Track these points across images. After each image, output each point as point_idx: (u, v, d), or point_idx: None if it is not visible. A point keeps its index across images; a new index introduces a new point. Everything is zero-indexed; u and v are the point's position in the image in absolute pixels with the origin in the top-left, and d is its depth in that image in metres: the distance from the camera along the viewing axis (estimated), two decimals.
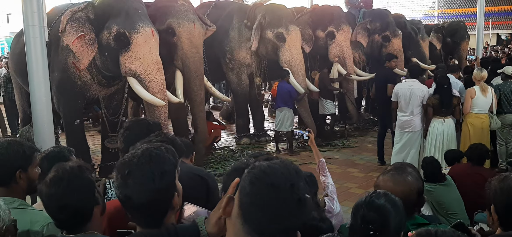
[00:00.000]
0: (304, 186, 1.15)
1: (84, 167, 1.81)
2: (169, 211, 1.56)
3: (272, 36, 7.80)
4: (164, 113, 6.03)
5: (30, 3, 4.83)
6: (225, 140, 9.04)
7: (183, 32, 6.51)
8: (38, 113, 5.02)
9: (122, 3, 5.86)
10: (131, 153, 1.55)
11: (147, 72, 5.76)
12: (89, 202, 1.75)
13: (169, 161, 1.56)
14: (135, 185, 1.48)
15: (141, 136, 2.11)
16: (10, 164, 2.09)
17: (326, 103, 8.75)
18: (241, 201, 1.16)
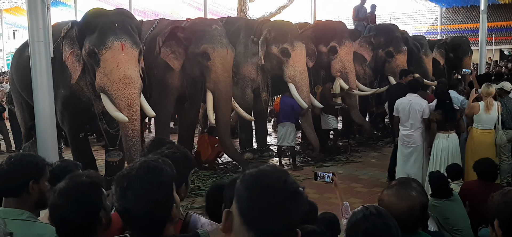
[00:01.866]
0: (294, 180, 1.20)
1: (97, 184, 1.82)
2: (167, 222, 1.58)
3: (277, 51, 7.86)
4: (132, 129, 5.79)
5: (36, 19, 4.90)
6: None
7: (217, 57, 6.80)
8: (42, 128, 5.07)
9: (99, 18, 5.83)
10: (129, 166, 1.58)
11: (113, 87, 5.62)
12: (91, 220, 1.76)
13: (167, 173, 1.57)
14: (134, 197, 1.50)
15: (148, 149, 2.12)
16: (23, 174, 2.10)
17: (328, 118, 8.75)
18: (240, 209, 1.19)
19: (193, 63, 7.01)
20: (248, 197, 1.17)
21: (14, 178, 2.10)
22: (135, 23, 6.13)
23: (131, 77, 5.64)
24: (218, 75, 6.91)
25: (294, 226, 1.19)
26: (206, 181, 7.01)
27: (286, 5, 16.13)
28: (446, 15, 25.52)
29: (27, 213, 2.09)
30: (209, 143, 8.09)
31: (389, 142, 9.27)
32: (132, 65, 5.68)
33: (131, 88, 5.63)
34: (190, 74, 7.23)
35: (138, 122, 5.85)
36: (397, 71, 9.35)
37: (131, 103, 5.65)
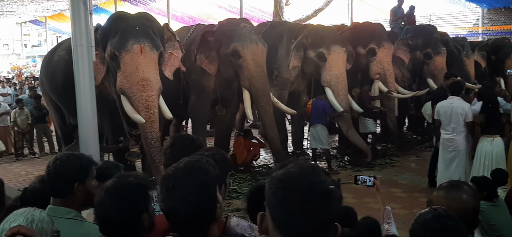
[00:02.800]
0: (326, 178, 1.17)
1: (143, 186, 1.84)
2: (212, 223, 1.57)
3: (314, 56, 7.84)
4: (151, 131, 5.85)
5: (79, 25, 5.05)
6: (264, 158, 9.01)
7: (247, 53, 6.82)
8: (84, 130, 5.21)
9: (121, 22, 5.97)
10: (174, 166, 1.57)
11: (132, 89, 5.72)
12: (133, 220, 1.78)
13: (211, 173, 1.57)
14: (179, 197, 1.49)
15: (186, 151, 2.13)
16: (68, 176, 2.15)
17: (366, 122, 8.61)
18: (271, 213, 1.18)
19: (226, 64, 7.05)
20: (276, 201, 1.16)
21: (60, 180, 2.15)
22: (157, 26, 6.21)
23: (150, 80, 5.73)
24: (251, 72, 6.91)
25: (329, 225, 1.17)
26: (242, 184, 7.03)
27: (322, 8, 15.99)
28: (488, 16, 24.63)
29: (74, 212, 2.14)
30: (245, 146, 8.11)
31: (429, 146, 9.02)
32: (151, 67, 5.77)
33: (149, 90, 5.72)
34: (226, 76, 7.28)
35: (156, 124, 5.91)
36: (436, 73, 9.14)
37: (149, 105, 5.74)
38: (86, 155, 2.32)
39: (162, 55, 6.03)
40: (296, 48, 7.84)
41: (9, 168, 8.92)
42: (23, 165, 9.46)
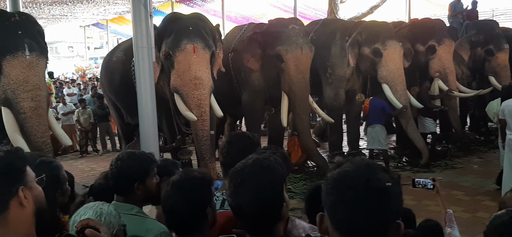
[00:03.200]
0: (383, 176, 1.13)
1: (207, 181, 1.90)
2: (278, 221, 1.58)
3: (369, 52, 7.68)
4: (202, 129, 5.99)
5: (140, 26, 5.23)
6: None
7: (290, 59, 6.82)
8: (145, 128, 5.39)
9: (175, 23, 6.14)
10: (242, 162, 1.60)
11: (185, 88, 5.87)
12: (199, 214, 1.83)
13: (278, 172, 1.58)
14: (246, 194, 1.52)
15: (243, 149, 2.15)
16: (128, 177, 2.24)
17: (426, 121, 8.32)
18: (329, 214, 1.17)
19: (270, 65, 7.08)
20: (332, 202, 1.15)
21: (121, 180, 2.26)
22: (209, 26, 6.34)
23: (202, 78, 5.87)
24: (292, 77, 6.89)
25: (389, 224, 1.14)
26: (296, 183, 7.00)
27: (378, 4, 15.63)
28: None
29: (136, 208, 2.23)
30: (299, 146, 8.07)
31: (494, 147, 8.59)
32: (203, 66, 5.90)
33: (201, 88, 5.86)
34: (270, 76, 7.28)
35: (208, 122, 6.03)
36: (498, 71, 8.71)
37: (201, 103, 5.88)
38: (147, 154, 2.39)
39: (214, 54, 6.15)
40: (351, 45, 7.71)
41: (74, 165, 9.39)
42: (87, 161, 9.94)
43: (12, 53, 4.63)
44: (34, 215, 1.49)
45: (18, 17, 4.96)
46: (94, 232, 1.50)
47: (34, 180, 1.53)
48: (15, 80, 4.65)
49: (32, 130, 4.70)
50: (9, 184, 1.43)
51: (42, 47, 4.94)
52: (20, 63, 4.65)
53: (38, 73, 4.80)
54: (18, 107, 4.67)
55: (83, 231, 1.54)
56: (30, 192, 1.47)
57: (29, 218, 1.47)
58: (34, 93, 4.72)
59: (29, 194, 1.46)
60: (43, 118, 4.80)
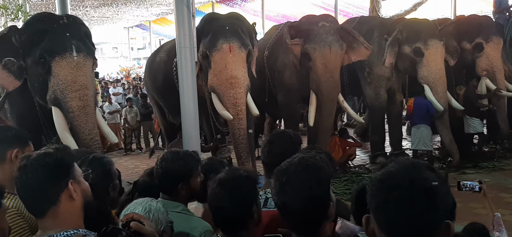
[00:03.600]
0: (428, 175, 1.11)
1: (252, 179, 1.91)
2: (324, 220, 1.57)
3: (410, 51, 7.49)
4: (238, 128, 6.00)
5: (183, 27, 5.34)
6: (360, 158, 8.83)
7: (318, 57, 6.71)
8: (187, 127, 5.50)
9: (212, 23, 6.18)
10: (288, 161, 1.60)
11: (221, 87, 5.89)
12: (245, 212, 1.85)
13: (325, 170, 1.58)
14: (293, 192, 1.52)
15: (284, 148, 2.16)
16: (173, 177, 2.29)
17: (472, 121, 8.06)
18: (374, 217, 1.15)
19: (301, 63, 7.00)
20: (377, 203, 1.13)
21: (166, 180, 2.31)
22: (246, 25, 6.36)
23: (238, 78, 5.88)
24: (319, 76, 6.78)
25: (437, 224, 1.11)
26: (338, 184, 6.93)
27: (422, 1, 15.20)
28: None
29: (182, 206, 2.29)
30: (341, 146, 8.00)
31: None
32: (239, 66, 5.91)
33: (237, 88, 5.88)
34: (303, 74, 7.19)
35: (244, 121, 6.04)
36: None
37: (237, 102, 5.89)
38: (191, 154, 2.42)
39: (251, 53, 6.17)
40: (391, 44, 7.54)
41: (119, 162, 9.67)
42: (131, 159, 10.22)
43: (60, 54, 4.80)
44: (83, 208, 1.56)
45: (66, 20, 5.15)
46: (138, 225, 1.55)
47: (81, 176, 1.60)
48: (64, 81, 4.82)
49: (80, 128, 4.86)
50: (60, 178, 1.51)
51: (89, 48, 5.09)
52: (68, 64, 4.81)
53: (86, 73, 4.93)
54: (67, 107, 4.84)
55: (128, 224, 1.60)
56: (78, 186, 1.55)
57: (78, 210, 1.55)
58: (81, 93, 4.87)
59: (78, 187, 1.54)
60: (90, 116, 4.94)
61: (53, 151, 1.53)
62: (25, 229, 2.05)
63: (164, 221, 1.87)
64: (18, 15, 10.53)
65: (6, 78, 5.12)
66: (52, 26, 4.98)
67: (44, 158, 1.50)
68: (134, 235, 1.55)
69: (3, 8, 11.25)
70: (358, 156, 8.70)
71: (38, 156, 1.52)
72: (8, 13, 11.56)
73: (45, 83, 4.92)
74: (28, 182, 1.50)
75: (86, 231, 1.53)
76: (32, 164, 1.49)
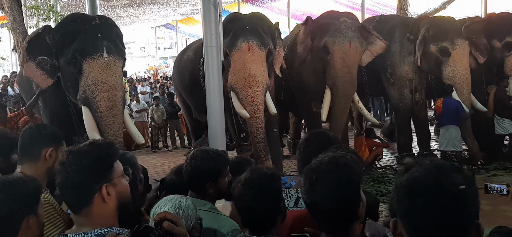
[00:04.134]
0: (455, 178, 1.08)
1: (277, 176, 1.93)
2: (354, 221, 1.56)
3: (436, 50, 7.32)
4: (256, 127, 6.01)
5: (209, 26, 5.39)
6: (387, 158, 8.72)
7: (337, 51, 6.60)
8: (213, 125, 5.55)
9: (233, 23, 6.20)
10: (318, 160, 1.59)
11: (239, 86, 5.91)
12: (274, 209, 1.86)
13: (355, 170, 1.56)
14: (322, 191, 1.50)
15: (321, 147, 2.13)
16: (202, 176, 2.32)
17: (503, 122, 7.86)
18: (402, 222, 1.13)
19: (316, 57, 6.93)
20: (403, 210, 1.11)
21: (194, 178, 2.35)
22: (267, 25, 6.37)
23: (256, 76, 5.89)
24: (336, 71, 6.66)
25: (466, 227, 1.09)
26: (364, 184, 6.87)
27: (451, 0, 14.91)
28: None
29: (209, 204, 2.32)
30: (367, 146, 7.92)
31: None
32: (258, 64, 5.91)
33: (255, 86, 5.88)
34: (316, 69, 7.12)
35: (261, 119, 6.03)
36: None
37: (254, 100, 5.90)
38: (220, 154, 2.43)
39: (271, 52, 6.15)
40: (420, 43, 7.38)
41: (146, 159, 9.80)
42: (158, 157, 10.36)
43: (91, 55, 4.89)
44: (117, 209, 1.59)
45: (99, 21, 5.24)
46: (171, 225, 1.58)
47: (121, 175, 1.62)
48: (94, 81, 4.91)
49: (106, 129, 4.94)
50: (95, 180, 1.54)
51: (119, 50, 5.16)
52: (98, 64, 4.90)
53: (115, 74, 5.01)
54: (95, 107, 4.93)
55: (161, 223, 1.63)
56: (114, 189, 1.57)
57: (111, 212, 1.58)
58: (110, 94, 4.95)
59: (113, 190, 1.56)
60: (117, 118, 5.01)
61: (92, 150, 1.56)
62: (57, 219, 2.14)
63: (194, 218, 1.90)
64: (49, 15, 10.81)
65: (40, 76, 5.26)
66: (84, 26, 5.08)
67: (82, 158, 1.54)
68: (166, 234, 1.59)
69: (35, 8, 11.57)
70: (385, 157, 8.59)
71: (78, 154, 1.55)
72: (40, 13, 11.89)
73: (77, 82, 5.02)
74: (65, 179, 1.54)
75: (119, 229, 1.56)
76: (70, 162, 1.53)
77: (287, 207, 2.22)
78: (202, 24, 5.59)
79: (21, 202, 1.59)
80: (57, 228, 2.07)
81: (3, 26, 13.96)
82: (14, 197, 1.57)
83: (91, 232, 1.52)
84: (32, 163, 2.29)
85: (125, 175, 1.66)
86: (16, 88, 12.39)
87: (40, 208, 1.67)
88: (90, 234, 1.51)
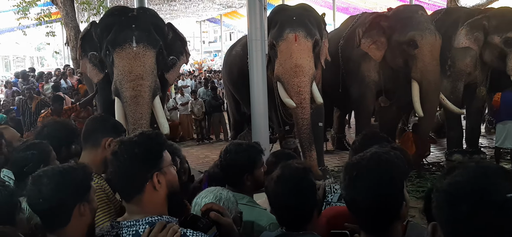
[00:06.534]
0: (501, 185, 0.98)
1: (308, 170, 1.89)
2: (395, 221, 1.48)
3: (500, 41, 6.99)
4: (302, 118, 5.97)
5: (254, 20, 5.39)
6: (435, 155, 8.45)
7: (425, 44, 6.51)
8: (257, 119, 5.56)
9: (280, 14, 6.23)
10: (360, 155, 1.53)
11: (285, 76, 5.89)
12: (309, 204, 1.83)
13: (398, 168, 1.49)
14: (362, 188, 1.44)
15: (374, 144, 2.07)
16: (237, 169, 2.33)
17: None
18: (442, 229, 1.07)
19: (396, 52, 6.76)
20: (443, 216, 1.04)
21: (231, 172, 2.36)
22: (314, 15, 6.32)
23: (302, 66, 5.85)
24: (426, 64, 6.53)
25: None
26: (411, 182, 6.68)
27: None
28: None
29: (247, 197, 2.32)
30: (414, 142, 7.69)
31: None
32: (305, 54, 5.89)
33: (301, 76, 5.85)
34: (392, 65, 6.98)
35: (308, 109, 6.00)
36: None
37: (300, 90, 5.87)
38: (254, 145, 2.45)
39: (318, 42, 6.10)
40: (469, 26, 7.10)
41: (190, 151, 9.99)
42: (202, 149, 10.51)
43: (121, 45, 4.94)
44: (167, 197, 1.62)
45: (136, 12, 5.25)
46: (217, 215, 1.58)
47: (169, 165, 1.66)
48: (122, 71, 4.94)
49: (129, 118, 4.94)
50: (146, 169, 1.57)
51: (152, 39, 5.07)
52: (127, 54, 4.92)
53: (144, 63, 4.94)
54: (122, 97, 4.96)
55: (208, 213, 1.64)
56: (164, 177, 1.60)
57: (162, 200, 1.61)
58: (135, 83, 4.89)
59: (163, 179, 1.60)
60: (140, 107, 4.92)
61: (142, 140, 1.60)
62: (109, 205, 2.20)
63: (234, 211, 1.90)
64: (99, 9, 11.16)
65: (92, 70, 5.45)
66: (120, 19, 5.13)
67: (133, 148, 1.57)
68: (212, 224, 1.60)
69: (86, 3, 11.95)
70: (433, 153, 8.33)
71: (129, 144, 1.59)
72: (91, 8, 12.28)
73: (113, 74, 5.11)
74: (118, 168, 1.59)
75: (169, 218, 1.59)
76: (122, 152, 1.58)
77: (330, 202, 2.18)
78: (247, 17, 5.60)
79: (72, 190, 1.62)
80: (108, 216, 2.13)
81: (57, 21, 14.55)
82: (64, 185, 1.61)
83: (142, 220, 1.55)
84: (92, 150, 2.37)
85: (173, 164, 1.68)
86: (69, 80, 12.92)
87: (92, 194, 1.71)
88: (141, 221, 1.55)
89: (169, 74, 5.68)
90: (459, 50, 7.35)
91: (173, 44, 5.71)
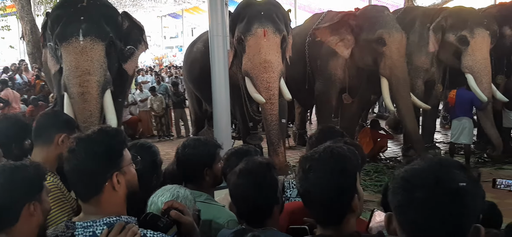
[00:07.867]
0: (456, 174, 1.03)
1: (272, 165, 1.89)
2: (348, 213, 1.51)
3: (454, 39, 7.26)
4: (270, 114, 5.99)
5: (216, 15, 5.36)
6: (392, 150, 8.68)
7: (393, 42, 6.66)
8: (219, 115, 5.53)
9: (248, 8, 6.19)
10: (314, 149, 1.56)
11: (254, 71, 5.89)
12: (271, 199, 1.83)
13: (351, 161, 1.52)
14: (315, 180, 1.47)
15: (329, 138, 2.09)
16: (198, 164, 2.28)
17: (510, 115, 7.77)
18: (396, 216, 1.09)
19: (365, 50, 6.90)
20: (399, 202, 1.06)
21: (190, 167, 2.30)
22: (281, 11, 6.37)
23: (271, 62, 5.88)
24: (394, 61, 6.71)
25: (464, 228, 1.04)
26: (368, 176, 6.84)
27: None
28: None
29: (205, 195, 2.28)
30: (372, 137, 7.89)
31: None
32: (273, 50, 5.92)
33: (270, 72, 5.87)
34: (359, 63, 7.12)
35: (276, 105, 6.02)
36: None
37: (270, 86, 5.89)
38: (212, 140, 2.42)
39: (285, 38, 6.15)
40: (434, 30, 7.35)
41: None
42: (162, 145, 10.34)
43: (67, 40, 4.70)
44: (126, 197, 1.57)
45: (86, 3, 4.91)
46: (178, 214, 1.55)
47: (129, 163, 1.60)
48: (69, 66, 4.71)
49: (78, 115, 4.66)
50: (105, 169, 1.52)
51: (101, 31, 4.83)
52: (73, 49, 4.68)
53: (91, 57, 4.70)
54: (69, 93, 4.74)
55: (168, 212, 1.61)
56: (123, 177, 1.55)
57: (121, 200, 1.56)
58: (82, 79, 4.68)
59: (122, 178, 1.54)
60: (88, 104, 4.71)
61: (102, 138, 1.53)
62: (65, 203, 2.13)
63: (191, 209, 1.86)
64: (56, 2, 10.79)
65: (51, 60, 5.22)
66: (69, 11, 4.88)
67: (92, 146, 1.51)
68: (173, 223, 1.56)
69: None
70: (390, 149, 8.55)
71: (87, 142, 1.53)
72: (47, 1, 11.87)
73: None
74: (75, 167, 1.52)
75: (128, 218, 1.54)
76: (80, 150, 1.51)
77: (289, 197, 2.18)
78: (208, 13, 5.56)
79: (22, 188, 1.55)
80: (65, 214, 2.06)
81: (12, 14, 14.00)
82: (13, 183, 1.54)
83: (100, 221, 1.49)
84: (44, 147, 2.29)
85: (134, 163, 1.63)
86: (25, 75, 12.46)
87: (44, 195, 1.64)
88: (99, 222, 1.49)
89: (127, 64, 5.40)
90: (415, 47, 7.57)
91: (130, 33, 5.43)
